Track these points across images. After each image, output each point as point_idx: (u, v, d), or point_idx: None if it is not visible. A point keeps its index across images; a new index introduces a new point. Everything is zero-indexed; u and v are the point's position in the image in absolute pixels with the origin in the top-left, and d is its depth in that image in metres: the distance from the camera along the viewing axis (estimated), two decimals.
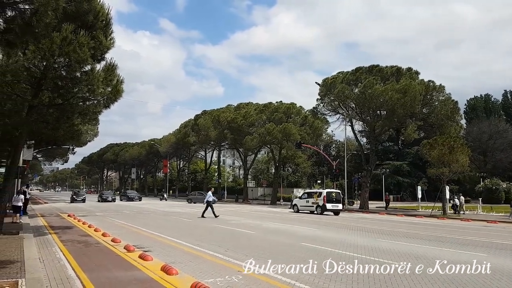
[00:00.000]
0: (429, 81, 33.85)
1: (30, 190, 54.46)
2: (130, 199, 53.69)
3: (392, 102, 30.51)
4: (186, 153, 72.73)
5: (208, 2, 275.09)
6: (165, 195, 59.96)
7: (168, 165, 73.81)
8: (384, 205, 35.04)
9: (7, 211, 15.45)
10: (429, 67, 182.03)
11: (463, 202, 30.77)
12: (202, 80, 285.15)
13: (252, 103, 54.98)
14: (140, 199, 54.85)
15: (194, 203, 45.12)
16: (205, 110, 60.73)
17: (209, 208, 22.51)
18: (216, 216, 21.83)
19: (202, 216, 22.26)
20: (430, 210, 29.37)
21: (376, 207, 38.04)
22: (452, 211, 29.16)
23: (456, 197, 30.98)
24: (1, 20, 6.38)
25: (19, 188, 23.98)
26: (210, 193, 23.92)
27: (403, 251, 10.68)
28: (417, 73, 34.47)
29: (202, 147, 65.16)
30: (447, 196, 28.69)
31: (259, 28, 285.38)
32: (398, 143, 63.34)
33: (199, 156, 75.59)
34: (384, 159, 58.20)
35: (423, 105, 33.15)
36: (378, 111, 35.16)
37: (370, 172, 36.62)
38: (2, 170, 25.66)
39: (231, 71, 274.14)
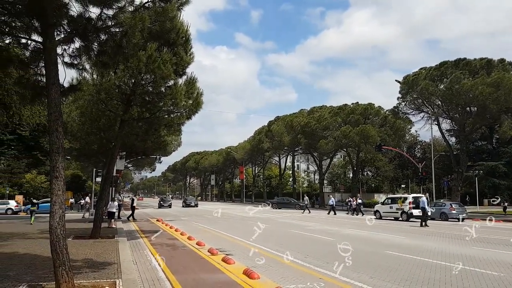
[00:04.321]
0: None
1: (128, 197, 59.31)
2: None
3: (483, 97, 27.87)
4: (261, 159, 73.80)
5: (281, 13, 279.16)
6: (306, 202, 37.34)
7: (244, 171, 75.50)
8: None
9: (103, 217, 17.02)
10: None
11: None
12: (275, 87, 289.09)
13: (326, 106, 53.80)
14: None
15: (279, 208, 44.58)
16: (278, 116, 61.15)
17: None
18: (426, 225, 20.73)
19: (425, 225, 20.86)
20: None
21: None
22: None
23: None
24: (96, 44, 7.08)
25: (113, 196, 26.43)
26: (425, 199, 22.45)
27: (505, 260, 9.52)
28: (511, 64, 31.00)
29: (276, 153, 65.61)
30: None
31: (331, 31, 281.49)
32: (492, 141, 57.11)
33: (273, 162, 76.20)
34: (476, 160, 52.86)
35: None
36: (468, 108, 32.32)
37: (461, 174, 33.60)
38: (99, 179, 28.56)
39: (303, 77, 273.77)
